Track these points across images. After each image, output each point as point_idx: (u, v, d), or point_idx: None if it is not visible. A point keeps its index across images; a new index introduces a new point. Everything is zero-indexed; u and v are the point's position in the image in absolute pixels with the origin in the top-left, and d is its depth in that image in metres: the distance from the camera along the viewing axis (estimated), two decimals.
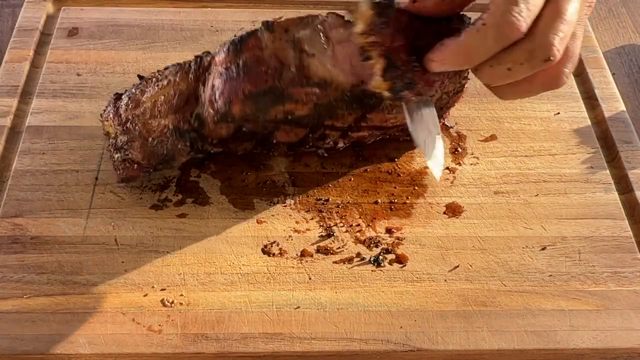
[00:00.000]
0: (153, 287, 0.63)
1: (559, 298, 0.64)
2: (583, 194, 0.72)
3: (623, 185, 0.73)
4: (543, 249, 0.67)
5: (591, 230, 0.69)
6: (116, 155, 0.68)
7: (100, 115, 0.70)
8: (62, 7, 0.86)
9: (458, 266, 0.66)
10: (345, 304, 0.63)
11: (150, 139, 0.66)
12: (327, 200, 0.70)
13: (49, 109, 0.76)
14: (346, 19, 0.62)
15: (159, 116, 0.66)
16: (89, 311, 0.61)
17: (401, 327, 0.61)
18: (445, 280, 0.65)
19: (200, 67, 0.66)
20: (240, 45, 0.62)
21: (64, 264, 0.64)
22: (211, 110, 0.64)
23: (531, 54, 0.52)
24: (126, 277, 0.63)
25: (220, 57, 0.64)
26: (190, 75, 0.66)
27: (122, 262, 0.64)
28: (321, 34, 0.62)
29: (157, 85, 0.67)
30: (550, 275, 0.65)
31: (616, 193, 0.72)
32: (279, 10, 0.88)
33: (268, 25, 0.62)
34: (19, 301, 0.61)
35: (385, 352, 0.60)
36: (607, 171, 0.74)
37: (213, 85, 0.63)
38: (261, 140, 0.69)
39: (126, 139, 0.67)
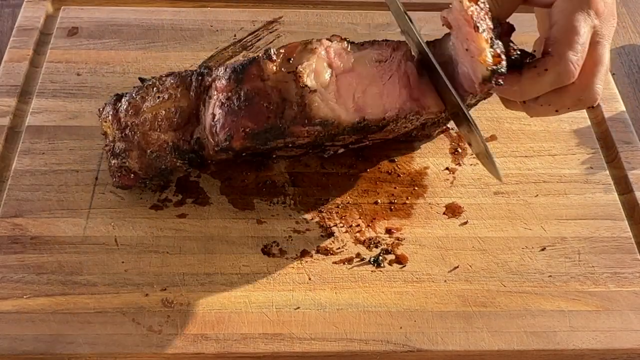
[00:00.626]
0: (153, 287, 0.63)
1: (559, 299, 0.64)
2: (583, 194, 0.72)
3: (623, 185, 0.73)
4: (543, 249, 0.67)
5: (591, 230, 0.69)
6: (113, 161, 0.67)
7: (99, 111, 0.69)
8: (62, 7, 0.86)
9: (458, 267, 0.66)
10: (345, 305, 0.63)
11: (149, 151, 0.66)
12: (327, 200, 0.70)
13: (48, 108, 0.76)
14: (349, 47, 0.62)
15: (159, 130, 0.66)
16: (89, 311, 0.61)
17: (401, 328, 0.61)
18: (445, 281, 0.65)
19: (202, 85, 0.65)
20: (242, 74, 0.62)
21: (64, 264, 0.64)
22: (212, 140, 0.64)
23: (580, 101, 0.58)
24: (126, 277, 0.63)
25: (221, 84, 0.63)
26: (191, 93, 0.66)
27: (122, 262, 0.64)
28: (325, 63, 0.61)
29: (158, 97, 0.66)
30: (550, 276, 0.65)
31: (616, 194, 0.72)
32: (279, 10, 0.88)
33: (270, 54, 0.61)
34: (19, 301, 0.61)
35: (385, 353, 0.60)
36: (607, 172, 0.74)
37: (214, 115, 0.63)
38: (261, 156, 0.70)
39: (124, 146, 0.67)
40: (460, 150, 0.75)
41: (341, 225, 0.68)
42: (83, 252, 0.65)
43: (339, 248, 0.67)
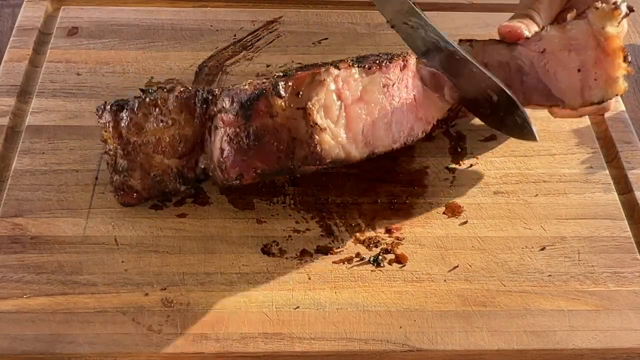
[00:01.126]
0: (153, 286, 0.63)
1: (559, 298, 0.64)
2: (582, 194, 0.72)
3: (622, 185, 0.73)
4: (542, 249, 0.67)
5: (590, 230, 0.69)
6: (115, 177, 0.67)
7: (97, 113, 0.67)
8: (62, 7, 0.86)
9: (457, 266, 0.66)
10: (344, 304, 0.63)
11: (152, 174, 0.66)
12: (327, 200, 0.70)
13: (48, 108, 0.76)
14: (357, 74, 0.62)
15: (162, 155, 0.66)
16: (89, 311, 0.61)
17: (401, 327, 0.61)
18: (445, 281, 0.65)
19: (206, 113, 0.65)
20: (249, 110, 0.60)
21: (64, 264, 0.64)
22: (220, 175, 0.64)
23: (599, 110, 0.71)
24: (126, 277, 0.63)
25: (227, 117, 0.62)
26: (195, 119, 0.65)
27: (122, 262, 0.64)
28: (333, 95, 0.61)
29: (162, 121, 0.65)
30: (550, 276, 0.65)
31: (615, 193, 0.72)
32: (278, 9, 0.88)
33: (278, 90, 0.59)
34: (19, 301, 0.61)
35: (384, 352, 0.60)
36: (607, 171, 0.74)
37: (222, 150, 0.62)
38: None
39: (127, 165, 0.66)
40: (460, 150, 0.75)
41: (341, 225, 0.68)
42: (83, 252, 0.65)
43: (339, 248, 0.67)
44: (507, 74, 0.70)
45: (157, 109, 0.65)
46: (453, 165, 0.73)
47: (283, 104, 0.60)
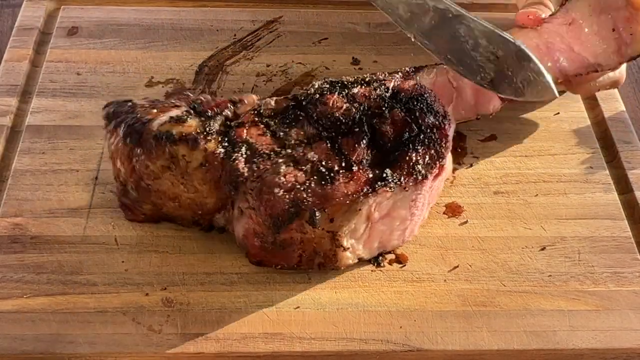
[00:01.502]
0: (153, 286, 0.63)
1: (559, 298, 0.64)
2: (582, 194, 0.72)
3: (623, 185, 0.73)
4: (542, 249, 0.67)
5: (591, 230, 0.69)
6: (123, 199, 0.66)
7: (105, 131, 0.64)
8: (62, 6, 0.86)
9: (458, 266, 0.66)
10: (344, 304, 0.63)
11: (165, 210, 0.65)
12: None
13: (48, 108, 0.76)
14: (390, 193, 0.60)
15: (178, 204, 0.64)
16: (89, 311, 0.61)
17: (401, 327, 0.61)
18: (445, 281, 0.65)
19: (233, 193, 0.61)
20: (281, 228, 0.59)
21: (64, 263, 0.64)
22: (240, 246, 0.65)
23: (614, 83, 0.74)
24: (126, 277, 0.63)
25: (258, 221, 0.61)
26: (219, 192, 0.62)
27: (122, 261, 0.64)
28: (363, 218, 0.61)
29: (182, 184, 0.62)
30: (550, 276, 0.65)
31: (616, 193, 0.72)
32: (278, 9, 0.88)
33: (314, 221, 0.59)
34: (19, 301, 0.61)
35: (384, 352, 0.60)
36: (607, 171, 0.74)
37: (246, 237, 0.63)
38: None
39: (137, 197, 0.65)
40: (460, 150, 0.75)
41: None
42: (83, 251, 0.65)
43: None
44: (541, 56, 0.69)
45: (177, 169, 0.61)
46: (453, 165, 0.73)
47: (316, 230, 0.60)
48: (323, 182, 0.59)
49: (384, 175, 0.60)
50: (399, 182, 0.60)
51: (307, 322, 0.61)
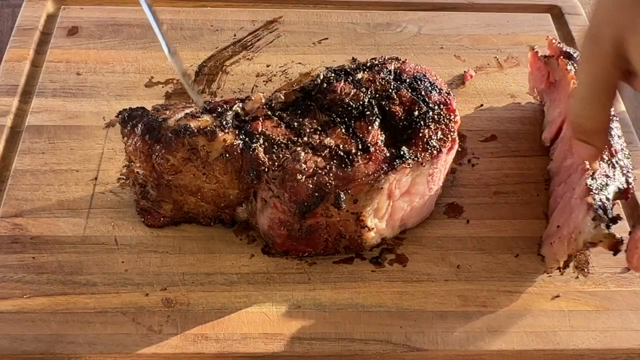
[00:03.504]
0: (153, 287, 0.63)
1: (559, 298, 0.64)
2: None
3: None
4: None
5: None
6: (142, 202, 0.66)
7: (122, 131, 0.64)
8: (62, 6, 0.86)
9: (458, 266, 0.66)
10: (345, 305, 0.63)
11: (186, 208, 0.65)
12: None
13: (48, 108, 0.76)
14: (409, 170, 0.62)
15: (200, 198, 0.64)
16: (89, 311, 0.61)
17: (401, 328, 0.61)
18: (445, 281, 0.65)
19: (254, 183, 0.62)
20: (307, 213, 0.60)
21: (64, 263, 0.64)
22: (264, 238, 0.66)
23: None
24: (126, 277, 0.63)
25: (282, 208, 0.61)
26: (241, 184, 0.63)
27: (122, 262, 0.64)
28: (385, 196, 0.62)
29: (204, 174, 0.62)
30: (550, 276, 0.65)
31: None
32: (279, 9, 0.88)
33: (339, 203, 0.60)
34: (19, 301, 0.61)
35: (385, 353, 0.60)
36: None
37: (271, 227, 0.63)
38: None
39: (157, 197, 0.65)
40: (460, 150, 0.75)
41: None
42: (83, 252, 0.65)
43: None
44: None
45: (198, 160, 0.62)
46: (453, 166, 0.73)
47: (340, 211, 0.61)
48: (343, 165, 0.60)
49: (401, 152, 0.62)
50: (416, 158, 0.62)
51: (307, 322, 0.61)
